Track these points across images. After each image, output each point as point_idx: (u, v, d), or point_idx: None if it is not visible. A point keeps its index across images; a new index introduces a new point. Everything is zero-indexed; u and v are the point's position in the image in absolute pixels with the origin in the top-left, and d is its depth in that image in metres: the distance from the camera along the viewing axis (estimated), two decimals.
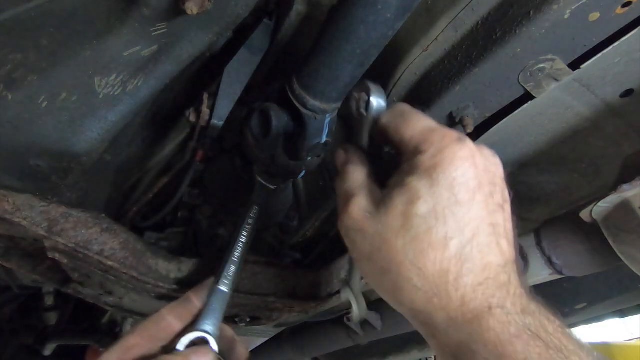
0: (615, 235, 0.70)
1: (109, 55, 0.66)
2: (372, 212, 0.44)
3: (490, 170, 0.45)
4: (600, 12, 0.60)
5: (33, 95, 0.63)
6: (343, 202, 0.49)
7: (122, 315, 1.72)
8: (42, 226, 0.68)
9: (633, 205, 0.66)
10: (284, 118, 0.78)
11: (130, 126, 0.78)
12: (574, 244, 0.79)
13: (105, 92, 0.68)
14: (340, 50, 0.66)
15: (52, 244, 0.69)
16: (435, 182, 0.40)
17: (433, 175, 0.41)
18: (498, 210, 0.43)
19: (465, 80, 0.72)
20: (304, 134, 0.77)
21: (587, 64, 0.67)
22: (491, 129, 0.81)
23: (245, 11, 0.69)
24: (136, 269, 0.74)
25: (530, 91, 0.70)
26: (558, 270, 0.81)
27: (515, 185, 1.01)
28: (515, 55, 0.66)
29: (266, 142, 0.80)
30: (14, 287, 1.31)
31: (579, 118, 0.80)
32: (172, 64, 0.71)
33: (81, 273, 0.76)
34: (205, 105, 0.98)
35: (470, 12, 0.70)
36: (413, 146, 0.45)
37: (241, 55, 0.96)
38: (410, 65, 0.81)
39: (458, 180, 0.41)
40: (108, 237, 0.73)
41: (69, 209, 0.71)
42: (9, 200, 0.67)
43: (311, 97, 0.73)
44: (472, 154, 0.43)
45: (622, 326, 4.27)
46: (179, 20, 0.66)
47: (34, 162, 0.68)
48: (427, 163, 0.42)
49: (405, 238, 0.40)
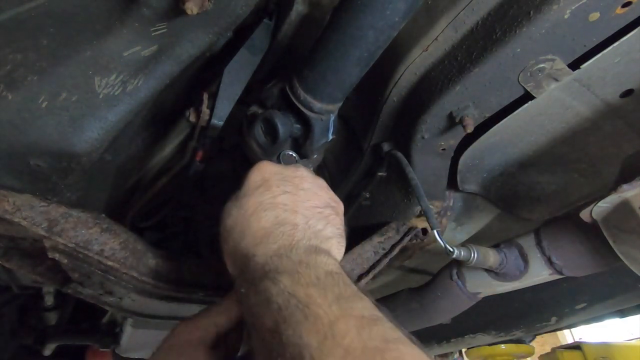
0: (615, 235, 0.70)
1: (109, 55, 0.66)
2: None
3: (281, 173, 0.61)
4: (600, 12, 0.60)
5: (33, 95, 0.63)
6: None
7: (122, 315, 1.71)
8: (42, 226, 0.68)
9: (633, 205, 0.66)
10: (289, 123, 0.78)
11: (130, 126, 0.78)
12: (574, 244, 0.79)
13: (105, 92, 0.68)
14: (348, 55, 0.66)
15: (52, 244, 0.69)
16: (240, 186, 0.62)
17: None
18: (282, 194, 0.58)
19: (465, 80, 0.72)
20: (312, 136, 0.77)
21: (587, 64, 0.67)
22: (491, 129, 0.81)
23: (245, 11, 0.69)
24: (136, 269, 0.74)
25: (530, 91, 0.70)
26: (558, 270, 0.81)
27: (515, 185, 1.02)
28: (515, 55, 0.66)
29: (274, 149, 0.80)
30: (14, 287, 1.31)
31: (579, 118, 0.80)
32: (172, 64, 0.71)
33: (81, 273, 0.76)
34: (205, 105, 0.98)
35: (470, 12, 0.70)
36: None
37: (241, 55, 0.96)
38: (410, 65, 0.81)
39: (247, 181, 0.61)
40: (108, 237, 0.73)
41: (69, 209, 0.71)
42: (9, 200, 0.67)
43: (317, 101, 0.74)
44: (259, 167, 0.62)
45: (622, 326, 4.27)
46: (179, 20, 0.66)
47: (34, 162, 0.68)
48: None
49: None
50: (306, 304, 0.43)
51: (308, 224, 0.56)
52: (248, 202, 0.57)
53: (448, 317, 1.05)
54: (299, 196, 0.59)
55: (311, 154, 0.82)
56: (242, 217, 0.56)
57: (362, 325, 0.40)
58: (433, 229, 0.81)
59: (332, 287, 0.45)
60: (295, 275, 0.47)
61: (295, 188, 0.60)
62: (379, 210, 1.08)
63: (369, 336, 0.39)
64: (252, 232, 0.55)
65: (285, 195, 0.58)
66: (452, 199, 1.05)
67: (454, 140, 0.84)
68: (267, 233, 0.54)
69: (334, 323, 0.40)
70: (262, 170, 0.61)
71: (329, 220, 0.58)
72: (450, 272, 0.97)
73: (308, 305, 0.42)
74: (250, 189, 0.59)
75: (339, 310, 0.42)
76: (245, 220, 0.56)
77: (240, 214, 0.57)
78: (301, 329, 0.41)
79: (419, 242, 1.05)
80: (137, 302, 0.86)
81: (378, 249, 0.97)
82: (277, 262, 0.50)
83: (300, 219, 0.56)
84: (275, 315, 0.44)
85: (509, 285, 0.89)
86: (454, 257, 0.82)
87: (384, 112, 0.90)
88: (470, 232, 1.16)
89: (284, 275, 0.47)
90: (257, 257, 0.52)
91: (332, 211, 0.61)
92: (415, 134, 0.84)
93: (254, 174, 0.61)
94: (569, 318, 1.31)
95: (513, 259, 0.85)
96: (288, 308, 0.43)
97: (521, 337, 1.84)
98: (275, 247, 0.52)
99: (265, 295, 0.46)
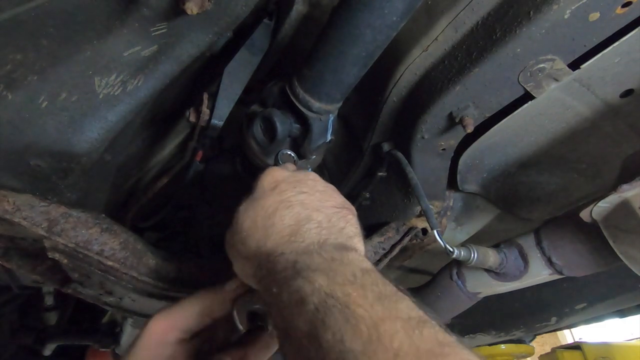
0: (615, 235, 0.70)
1: (109, 55, 0.66)
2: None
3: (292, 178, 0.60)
4: (600, 12, 0.60)
5: (33, 95, 0.63)
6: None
7: (122, 315, 1.71)
8: (42, 226, 0.68)
9: (633, 205, 0.66)
10: (288, 122, 0.78)
11: (130, 126, 0.78)
12: (574, 244, 0.79)
13: (105, 92, 0.68)
14: (346, 55, 0.66)
15: (52, 244, 0.69)
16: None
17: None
18: (299, 194, 0.57)
19: (465, 80, 0.72)
20: (310, 135, 0.77)
21: (587, 64, 0.67)
22: (491, 129, 0.81)
23: (245, 11, 0.69)
24: (136, 269, 0.74)
25: (530, 91, 0.70)
26: (558, 270, 0.81)
27: (515, 185, 1.02)
28: (515, 55, 0.66)
29: (272, 148, 0.80)
30: (14, 287, 1.31)
31: (579, 118, 0.80)
32: (172, 64, 0.71)
33: (81, 273, 0.76)
34: (205, 105, 0.98)
35: (470, 12, 0.70)
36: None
37: (241, 55, 0.96)
38: (410, 65, 0.81)
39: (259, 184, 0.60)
40: (108, 237, 0.73)
41: (69, 209, 0.71)
42: (9, 200, 0.67)
43: (316, 101, 0.74)
44: (271, 171, 0.61)
45: (622, 326, 4.27)
46: (179, 20, 0.66)
47: (34, 162, 0.68)
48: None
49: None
50: (345, 304, 0.39)
51: (331, 222, 0.54)
52: (266, 202, 0.56)
53: (448, 317, 1.05)
54: (316, 196, 0.57)
55: (310, 154, 0.82)
56: (263, 217, 0.54)
57: (411, 326, 0.37)
58: (433, 229, 0.81)
59: (371, 286, 0.42)
60: (330, 272, 0.43)
61: (311, 189, 0.58)
62: (379, 210, 1.08)
63: (421, 339, 0.36)
64: (277, 230, 0.52)
65: (303, 195, 0.57)
66: (452, 199, 1.05)
67: (454, 140, 0.84)
68: (293, 231, 0.52)
69: (378, 324, 0.37)
70: (274, 174, 0.60)
71: (348, 220, 0.57)
72: (450, 272, 0.97)
73: (348, 305, 0.39)
74: (266, 191, 0.57)
75: (382, 311, 0.38)
76: (268, 220, 0.54)
77: (260, 214, 0.55)
78: (342, 332, 0.37)
79: (419, 242, 1.05)
80: (137, 302, 0.86)
81: (378, 249, 0.97)
82: (309, 260, 0.47)
83: (323, 217, 0.54)
84: (311, 317, 0.40)
85: (509, 285, 0.89)
86: (454, 257, 0.82)
87: (384, 112, 0.90)
88: (470, 232, 1.16)
89: (317, 273, 0.44)
90: (286, 254, 0.49)
91: (349, 212, 0.59)
92: (415, 134, 0.84)
93: (267, 177, 0.60)
94: (569, 318, 1.31)
95: (513, 259, 0.85)
96: (325, 309, 0.40)
97: (521, 337, 1.83)
98: (304, 245, 0.50)
99: (299, 295, 0.42)
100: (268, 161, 0.83)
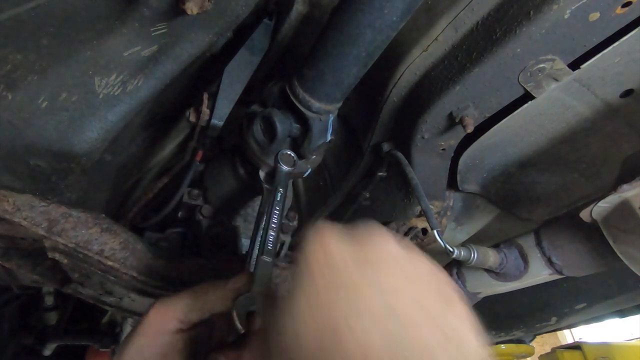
0: (615, 235, 0.70)
1: (109, 55, 0.66)
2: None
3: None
4: (600, 12, 0.60)
5: (33, 95, 0.63)
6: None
7: (122, 315, 1.72)
8: (42, 226, 0.68)
9: (633, 205, 0.66)
10: (288, 122, 0.78)
11: (130, 126, 0.78)
12: (574, 244, 0.79)
13: (105, 92, 0.68)
14: (346, 55, 0.66)
15: (52, 244, 0.69)
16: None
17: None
18: (373, 290, 0.39)
19: (465, 80, 0.72)
20: (310, 135, 0.77)
21: (587, 64, 0.67)
22: (491, 129, 0.81)
23: (245, 11, 0.69)
24: (136, 269, 0.74)
25: (530, 91, 0.70)
26: (558, 270, 0.81)
27: (515, 185, 1.02)
28: (515, 55, 0.66)
29: (272, 148, 0.80)
30: (14, 287, 1.31)
31: (579, 118, 0.80)
32: (172, 64, 0.71)
33: (81, 273, 0.76)
34: (205, 105, 0.98)
35: (470, 12, 0.70)
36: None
37: (241, 55, 0.96)
38: (410, 65, 0.81)
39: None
40: (108, 237, 0.73)
41: (69, 209, 0.71)
42: (9, 200, 0.67)
43: (316, 100, 0.74)
44: (320, 243, 0.42)
45: (622, 326, 4.27)
46: (178, 20, 0.66)
47: (34, 162, 0.68)
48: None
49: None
50: None
51: (447, 336, 0.36)
52: (318, 303, 0.37)
53: None
54: (402, 291, 0.38)
55: (309, 154, 0.82)
56: (323, 335, 0.35)
57: None
58: (433, 229, 0.81)
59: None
60: None
61: (387, 277, 0.38)
62: (379, 210, 1.08)
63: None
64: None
65: (379, 292, 0.37)
66: (452, 199, 1.05)
67: (454, 140, 0.84)
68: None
69: None
70: (324, 248, 0.40)
71: (462, 320, 0.38)
72: (450, 272, 0.97)
73: None
74: (314, 279, 0.38)
75: None
76: (330, 341, 0.35)
77: (316, 329, 0.36)
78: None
79: (419, 242, 1.05)
80: (137, 302, 0.86)
81: None
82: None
83: (428, 332, 0.35)
84: None
85: (509, 285, 0.88)
86: (454, 257, 0.82)
87: (384, 112, 0.90)
88: (470, 232, 1.16)
89: None
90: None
91: (458, 299, 0.40)
92: (415, 134, 0.84)
93: (313, 252, 0.40)
94: (569, 318, 1.31)
95: (513, 259, 0.85)
96: None
97: (521, 337, 1.83)
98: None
99: None
100: (268, 161, 0.83)
